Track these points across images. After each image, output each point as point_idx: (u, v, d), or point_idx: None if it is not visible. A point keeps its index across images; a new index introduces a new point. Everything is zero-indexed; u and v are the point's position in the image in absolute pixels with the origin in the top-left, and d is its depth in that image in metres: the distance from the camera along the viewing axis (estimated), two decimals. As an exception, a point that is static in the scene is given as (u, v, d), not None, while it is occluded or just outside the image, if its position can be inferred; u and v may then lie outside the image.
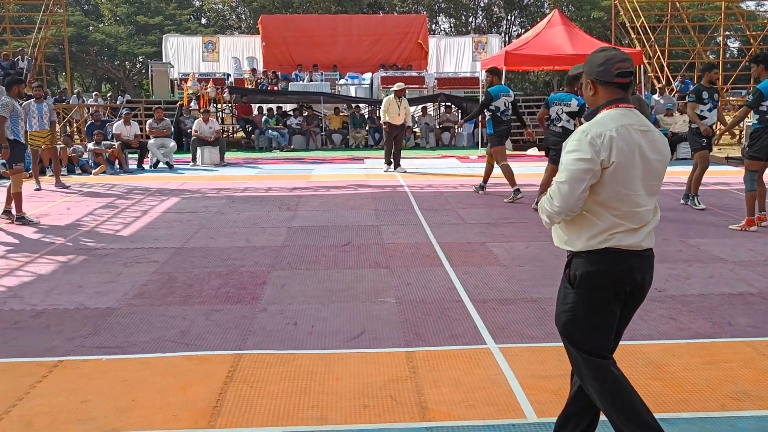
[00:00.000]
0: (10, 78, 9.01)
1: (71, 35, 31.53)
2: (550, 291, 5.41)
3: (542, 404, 3.49)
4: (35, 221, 8.35)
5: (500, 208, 9.14)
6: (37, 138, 10.91)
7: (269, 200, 9.97)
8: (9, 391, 3.66)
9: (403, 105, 13.30)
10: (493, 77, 10.10)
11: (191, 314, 4.92)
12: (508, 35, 39.99)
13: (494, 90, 9.83)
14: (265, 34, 24.81)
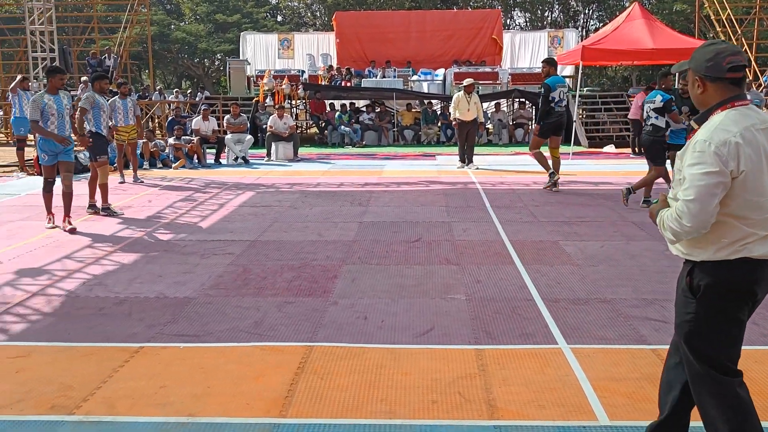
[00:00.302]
0: (94, 74, 9.36)
1: (154, 34, 32.67)
2: (624, 292, 5.29)
3: (615, 407, 3.42)
4: (119, 213, 8.65)
5: (574, 207, 8.96)
6: (122, 133, 11.33)
7: (341, 195, 10.09)
8: (94, 374, 3.85)
9: (473, 101, 13.23)
10: (549, 68, 10.25)
11: (264, 306, 5.04)
12: (586, 29, 39.07)
13: (551, 81, 10.06)
14: (339, 30, 25.04)
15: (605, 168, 13.26)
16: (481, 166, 13.36)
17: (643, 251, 6.57)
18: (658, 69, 35.24)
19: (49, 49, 14.23)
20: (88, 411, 3.42)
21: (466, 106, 13.17)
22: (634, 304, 5.02)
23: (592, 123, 19.34)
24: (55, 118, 7.50)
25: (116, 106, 11.13)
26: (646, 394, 3.55)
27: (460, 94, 13.32)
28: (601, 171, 12.77)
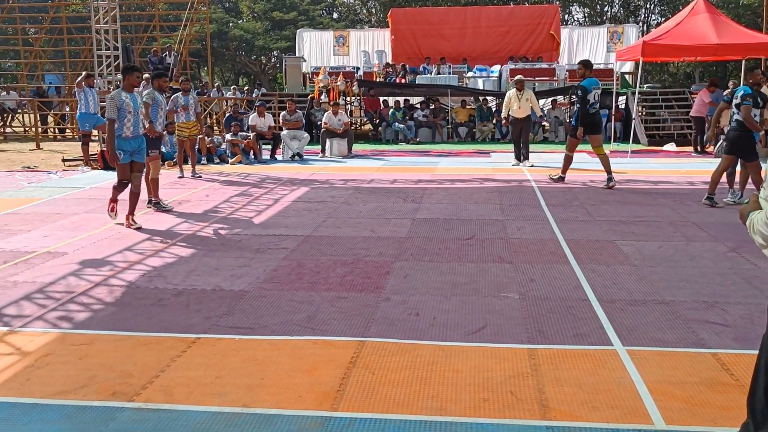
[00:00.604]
0: (154, 72, 9.51)
1: (213, 32, 33.31)
2: (683, 294, 5.16)
3: (672, 411, 3.34)
4: (170, 207, 8.81)
5: (632, 206, 8.77)
6: (184, 129, 11.61)
7: (394, 192, 10.11)
8: (154, 363, 3.96)
9: (524, 97, 13.11)
10: (585, 69, 10.45)
11: (317, 300, 5.09)
12: (647, 25, 38.15)
13: (587, 83, 10.22)
14: (395, 27, 25.06)
15: (665, 167, 12.93)
16: (536, 164, 13.20)
17: (703, 252, 6.40)
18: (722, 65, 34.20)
19: (113, 47, 14.66)
20: (147, 398, 3.52)
21: (518, 103, 13.08)
22: (693, 306, 4.89)
23: (651, 120, 18.89)
24: (132, 115, 7.70)
25: (178, 102, 11.39)
26: (705, 399, 3.46)
27: (512, 92, 13.28)
28: (661, 170, 12.47)
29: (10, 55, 33.39)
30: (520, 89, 13.11)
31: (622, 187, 10.34)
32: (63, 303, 5.09)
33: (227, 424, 3.25)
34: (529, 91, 13.33)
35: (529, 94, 13.26)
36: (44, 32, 27.50)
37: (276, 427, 3.23)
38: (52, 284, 5.57)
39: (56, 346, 4.26)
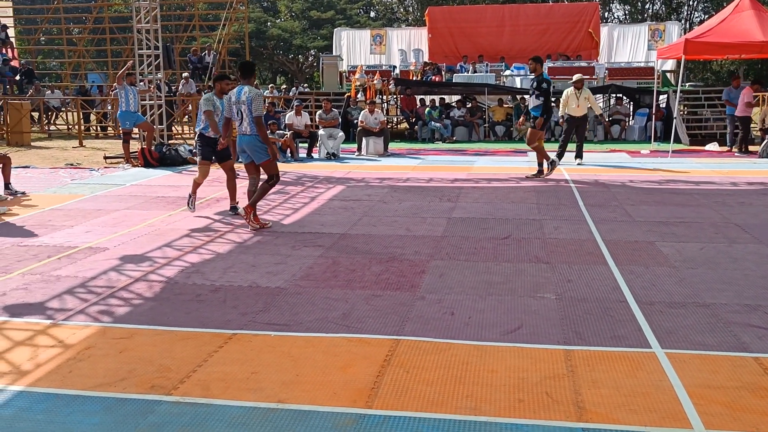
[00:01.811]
0: (217, 75, 9.02)
1: (251, 31, 33.65)
2: (725, 296, 5.05)
3: (712, 416, 3.27)
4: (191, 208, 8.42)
5: (672, 207, 8.62)
6: None
7: (430, 191, 10.09)
8: (191, 357, 4.02)
9: (582, 96, 13.03)
10: (537, 65, 11.03)
11: (353, 298, 5.11)
12: (689, 22, 37.42)
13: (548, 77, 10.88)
14: (432, 25, 25.00)
15: (707, 167, 12.66)
16: (574, 164, 13.06)
17: (746, 255, 6.25)
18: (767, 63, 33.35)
19: (153, 47, 14.91)
20: (184, 392, 3.58)
21: (576, 101, 13.03)
22: (735, 309, 4.79)
23: (693, 120, 18.52)
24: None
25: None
26: (747, 404, 3.39)
27: (570, 90, 13.26)
28: (703, 170, 12.21)
29: (54, 54, 34.19)
30: (578, 88, 13.08)
31: (662, 187, 10.17)
32: (104, 297, 5.20)
33: (262, 420, 3.28)
34: (587, 90, 13.26)
35: (587, 92, 13.19)
36: (87, 32, 28.09)
37: (310, 423, 3.25)
38: (94, 279, 5.69)
39: (97, 339, 4.35)
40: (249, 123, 7.38)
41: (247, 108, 7.32)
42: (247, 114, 7.34)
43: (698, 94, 19.07)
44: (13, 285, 5.52)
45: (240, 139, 7.54)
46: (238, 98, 7.38)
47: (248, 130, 7.41)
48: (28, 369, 3.90)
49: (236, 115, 7.45)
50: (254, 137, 7.42)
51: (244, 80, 7.44)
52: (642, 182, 10.69)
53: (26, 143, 17.71)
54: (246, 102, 7.31)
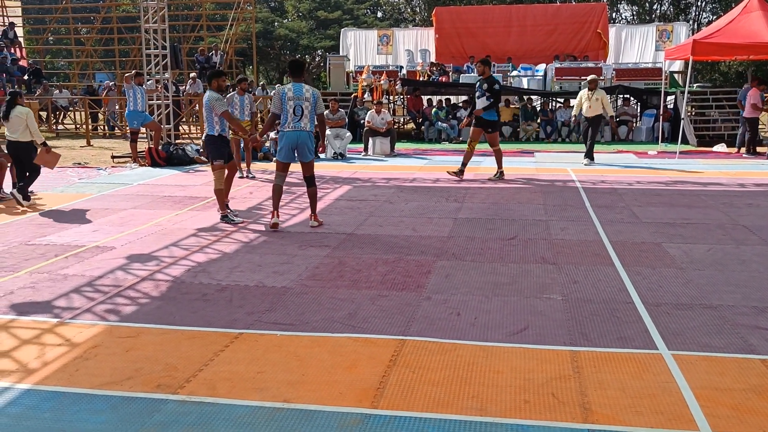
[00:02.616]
0: (211, 71, 8.63)
1: (258, 31, 33.68)
2: (732, 298, 5.03)
3: (719, 418, 3.26)
4: (238, 220, 7.96)
5: (679, 208, 8.59)
6: None
7: (436, 191, 10.08)
8: (197, 357, 4.03)
9: (594, 97, 13.03)
10: (485, 67, 10.81)
11: (359, 298, 5.11)
12: (697, 23, 37.28)
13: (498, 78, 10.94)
14: (439, 26, 24.99)
15: (715, 168, 12.62)
16: (582, 164, 13.05)
17: (754, 256, 6.23)
18: (776, 64, 33.19)
19: (161, 47, 14.95)
20: (190, 391, 3.59)
21: (588, 102, 13.05)
22: (743, 311, 4.77)
23: (701, 121, 18.46)
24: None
25: (233, 101, 11.36)
26: (754, 406, 3.37)
27: (584, 91, 13.34)
28: (711, 171, 12.16)
29: (62, 54, 34.33)
30: (592, 89, 13.08)
31: (669, 188, 10.13)
32: (111, 296, 5.22)
33: (268, 419, 3.29)
34: (600, 91, 13.27)
35: (600, 94, 13.19)
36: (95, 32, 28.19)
37: (316, 423, 3.25)
38: (101, 278, 5.71)
39: (104, 338, 4.37)
40: (310, 119, 7.46)
41: (311, 105, 7.41)
42: (309, 111, 7.42)
43: (706, 95, 19.00)
44: (20, 283, 5.54)
45: (296, 135, 7.43)
46: (299, 95, 7.40)
47: (308, 126, 7.47)
48: (35, 367, 3.91)
49: (293, 111, 7.39)
50: (311, 134, 7.52)
51: (297, 78, 7.50)
52: (649, 183, 10.66)
53: (34, 142, 17.76)
54: (311, 99, 7.42)
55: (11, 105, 9.25)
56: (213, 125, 8.07)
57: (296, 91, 7.42)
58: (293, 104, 7.41)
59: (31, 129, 9.21)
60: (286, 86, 7.51)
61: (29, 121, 9.18)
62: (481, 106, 10.82)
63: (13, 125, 9.16)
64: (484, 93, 10.74)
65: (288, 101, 7.42)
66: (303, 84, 7.46)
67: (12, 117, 9.16)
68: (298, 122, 7.42)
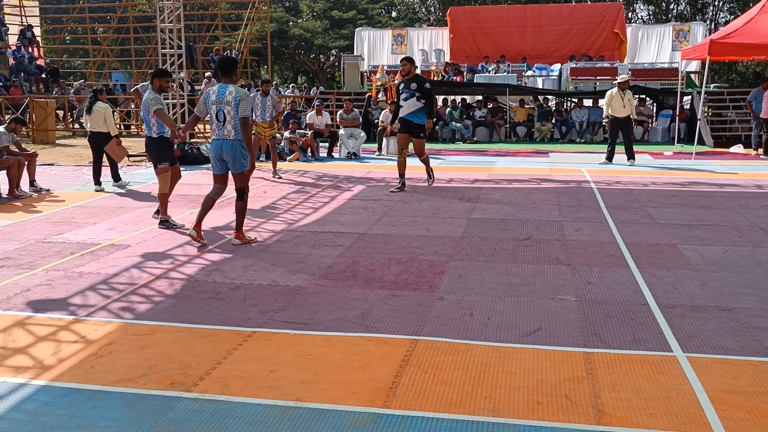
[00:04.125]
0: (154, 70, 8.25)
1: (273, 31, 33.77)
2: (748, 301, 4.99)
3: (734, 421, 3.23)
4: (179, 225, 7.71)
5: (695, 209, 8.52)
6: (259, 126, 11.48)
7: (450, 191, 10.07)
8: (211, 355, 4.05)
9: (626, 97, 12.96)
10: (411, 66, 9.81)
11: (371, 297, 5.12)
12: (714, 23, 36.96)
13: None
14: (453, 26, 24.96)
15: (732, 169, 12.51)
16: (597, 165, 12.99)
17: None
18: (794, 64, 32.83)
19: (177, 46, 15.03)
20: (204, 389, 3.60)
21: (620, 102, 12.98)
22: (759, 314, 4.72)
23: (718, 121, 18.30)
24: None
25: (255, 102, 11.35)
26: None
27: (614, 91, 13.29)
28: (727, 172, 12.06)
29: (79, 53, 34.60)
30: (623, 89, 13.01)
31: (685, 189, 10.06)
32: (126, 294, 5.25)
33: (280, 418, 3.30)
34: (630, 92, 13.18)
35: (630, 94, 13.11)
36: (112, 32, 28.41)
37: (328, 422, 3.26)
38: (116, 276, 5.75)
39: (119, 335, 4.40)
40: (234, 126, 6.58)
41: (233, 109, 6.54)
42: (232, 116, 6.56)
43: (723, 95, 18.84)
44: (37, 281, 5.60)
45: (220, 144, 6.66)
46: (221, 98, 6.57)
47: (232, 134, 6.61)
48: (50, 364, 3.95)
49: (216, 117, 6.62)
50: (238, 143, 6.65)
51: (226, 78, 6.69)
52: (665, 184, 10.59)
53: (51, 141, 17.95)
54: (233, 102, 6.53)
55: (94, 101, 10.39)
56: (151, 127, 7.69)
57: (219, 94, 6.59)
58: (215, 109, 6.61)
59: (108, 122, 10.37)
60: (212, 88, 6.75)
61: (107, 115, 10.36)
62: (412, 109, 9.69)
63: (94, 118, 10.32)
64: (413, 94, 9.60)
65: (211, 105, 6.66)
66: (229, 85, 6.62)
67: (94, 111, 10.29)
68: (221, 129, 6.63)
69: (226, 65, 6.75)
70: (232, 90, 6.58)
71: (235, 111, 6.54)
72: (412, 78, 9.73)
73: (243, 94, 6.61)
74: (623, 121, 13.13)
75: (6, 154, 9.88)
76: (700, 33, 24.81)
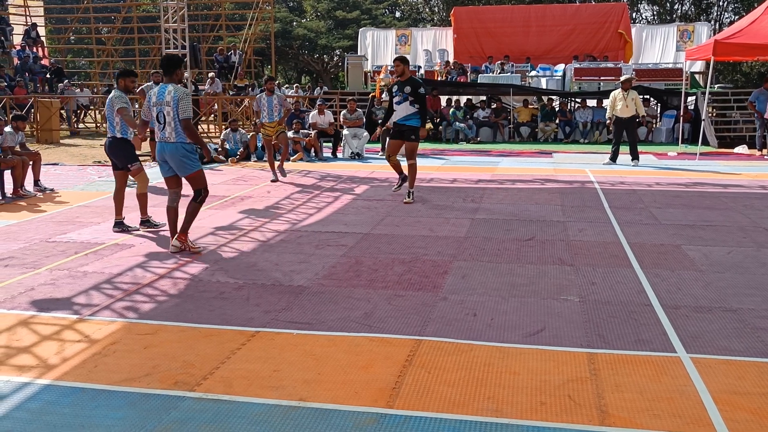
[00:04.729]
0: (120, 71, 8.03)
1: (277, 31, 33.79)
2: (753, 302, 4.97)
3: (738, 422, 3.23)
4: (160, 224, 7.61)
5: (700, 210, 8.51)
6: (268, 128, 11.20)
7: (454, 191, 10.06)
8: (214, 354, 4.06)
9: (630, 97, 12.95)
10: (404, 66, 9.09)
11: (375, 297, 5.12)
12: (719, 23, 36.87)
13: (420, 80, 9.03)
14: (457, 26, 24.94)
15: (736, 170, 12.48)
16: (602, 166, 12.98)
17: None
18: (799, 65, 32.73)
19: (181, 46, 15.06)
20: (207, 389, 3.61)
21: (624, 102, 12.94)
22: (763, 314, 4.71)
23: (722, 122, 18.26)
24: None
25: (261, 102, 11.14)
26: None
27: (617, 91, 13.23)
28: (731, 173, 12.03)
29: (84, 53, 34.68)
30: (626, 89, 12.99)
31: (689, 190, 10.04)
32: (129, 294, 5.26)
33: (284, 418, 3.30)
34: (634, 92, 13.17)
35: (634, 94, 13.10)
36: (116, 32, 28.45)
37: (331, 422, 3.26)
38: (120, 275, 5.76)
39: (122, 335, 4.41)
40: (174, 128, 6.29)
41: (173, 110, 6.26)
42: (172, 117, 6.28)
43: (727, 95, 18.80)
44: (41, 280, 5.61)
45: (162, 147, 6.42)
46: (161, 99, 6.32)
47: (172, 136, 6.32)
48: (54, 363, 3.96)
49: (157, 119, 6.38)
50: (179, 146, 6.33)
51: (167, 77, 6.39)
52: (669, 185, 10.57)
53: (55, 141, 17.98)
54: (172, 103, 6.25)
55: None
56: (114, 126, 7.42)
57: (159, 95, 6.35)
58: (156, 110, 6.38)
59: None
60: (154, 89, 6.51)
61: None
62: (405, 113, 9.01)
63: None
64: (407, 98, 8.91)
65: (152, 107, 6.43)
66: (169, 85, 6.34)
67: None
68: (162, 131, 6.38)
69: (167, 63, 6.45)
70: (171, 89, 6.30)
71: (175, 112, 6.25)
72: (407, 81, 9.02)
73: (182, 93, 6.30)
74: (627, 121, 13.10)
75: (11, 153, 9.91)
76: (705, 33, 24.74)
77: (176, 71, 6.43)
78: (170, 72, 6.39)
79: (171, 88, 6.31)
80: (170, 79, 6.38)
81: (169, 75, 6.39)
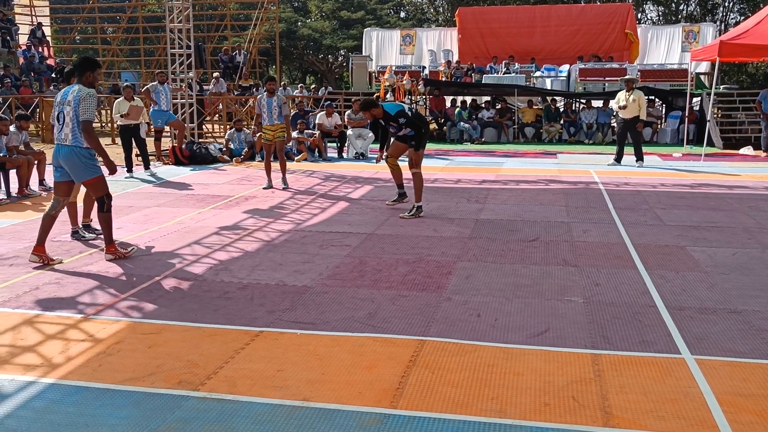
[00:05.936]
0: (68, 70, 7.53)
1: (282, 31, 33.82)
2: (758, 303, 4.96)
3: (742, 424, 3.22)
4: (88, 237, 7.21)
5: (704, 211, 8.48)
6: (268, 131, 10.44)
7: (458, 192, 10.06)
8: (218, 354, 4.06)
9: (631, 98, 12.85)
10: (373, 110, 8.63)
11: (379, 298, 5.12)
12: (725, 24, 36.78)
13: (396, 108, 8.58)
14: (462, 26, 24.93)
15: (741, 171, 12.44)
16: (607, 166, 12.95)
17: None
18: (805, 65, 32.63)
19: (186, 46, 15.08)
20: (211, 388, 3.61)
21: (624, 103, 12.87)
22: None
23: (727, 123, 18.21)
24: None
25: (262, 104, 10.42)
26: (779, 414, 3.32)
27: (621, 92, 13.12)
28: (737, 174, 12.00)
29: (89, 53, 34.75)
30: (629, 89, 12.91)
31: (694, 191, 10.02)
32: (134, 293, 5.27)
33: (287, 417, 3.30)
34: (638, 92, 13.06)
35: (637, 94, 12.98)
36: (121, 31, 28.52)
37: (335, 422, 3.26)
38: (124, 275, 5.77)
39: (127, 334, 4.42)
40: (72, 130, 5.91)
41: (72, 110, 5.90)
42: (71, 117, 5.90)
43: (733, 96, 18.74)
44: (45, 279, 5.62)
45: (58, 149, 6.03)
46: (63, 98, 6.01)
47: (68, 138, 5.92)
48: (59, 362, 3.97)
49: (57, 119, 6.05)
50: (75, 149, 5.95)
51: (77, 78, 6.07)
52: (673, 186, 10.55)
53: (60, 140, 17.99)
54: (73, 102, 5.89)
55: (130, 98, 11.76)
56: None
57: (63, 95, 6.03)
58: (57, 110, 6.05)
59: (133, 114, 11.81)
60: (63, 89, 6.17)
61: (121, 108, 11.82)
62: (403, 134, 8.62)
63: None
64: (401, 127, 8.52)
65: (55, 106, 6.12)
66: (75, 85, 6.01)
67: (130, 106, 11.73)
68: (59, 133, 5.98)
69: (79, 64, 6.13)
70: (75, 89, 5.96)
71: (74, 112, 5.89)
72: (388, 117, 8.54)
73: (86, 93, 5.92)
74: (630, 122, 13.05)
75: (16, 153, 9.94)
76: (710, 34, 24.68)
77: (87, 73, 6.06)
78: (81, 73, 6.05)
79: (76, 88, 5.98)
80: (78, 80, 6.04)
81: (78, 76, 6.06)
